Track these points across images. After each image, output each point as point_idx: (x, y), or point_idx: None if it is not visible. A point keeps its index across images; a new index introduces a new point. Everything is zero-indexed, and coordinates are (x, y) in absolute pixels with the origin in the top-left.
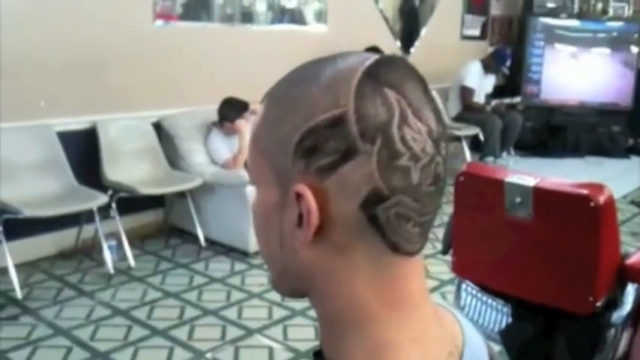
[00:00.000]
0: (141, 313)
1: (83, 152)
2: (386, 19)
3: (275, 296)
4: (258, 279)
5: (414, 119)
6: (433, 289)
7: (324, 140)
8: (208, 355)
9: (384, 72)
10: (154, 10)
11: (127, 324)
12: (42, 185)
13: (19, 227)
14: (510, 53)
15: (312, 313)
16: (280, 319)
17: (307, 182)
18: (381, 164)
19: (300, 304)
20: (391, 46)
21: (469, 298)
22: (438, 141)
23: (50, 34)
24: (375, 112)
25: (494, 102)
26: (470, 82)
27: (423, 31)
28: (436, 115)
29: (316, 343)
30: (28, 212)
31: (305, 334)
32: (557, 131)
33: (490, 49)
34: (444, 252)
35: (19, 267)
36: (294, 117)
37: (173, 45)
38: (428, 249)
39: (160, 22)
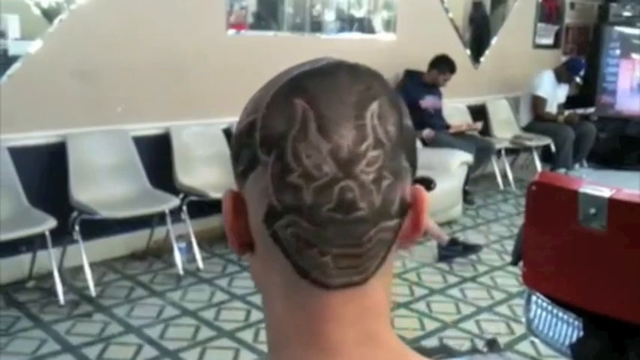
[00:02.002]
0: (209, 314)
1: (157, 157)
2: (456, 28)
3: None
4: None
5: (316, 135)
6: (501, 302)
7: (239, 146)
8: None
9: (309, 82)
10: (227, 20)
11: (195, 324)
12: (117, 188)
13: (94, 228)
14: (584, 63)
15: None
16: None
17: (236, 188)
18: (274, 178)
19: None
20: (461, 54)
21: (539, 310)
22: (349, 163)
23: (128, 42)
24: (276, 121)
25: (567, 112)
26: (542, 92)
27: (494, 40)
28: (360, 136)
29: None
30: (104, 213)
31: None
32: (632, 143)
33: (563, 59)
34: (514, 263)
35: (93, 266)
36: (239, 122)
37: (244, 53)
38: (495, 261)
39: (232, 32)
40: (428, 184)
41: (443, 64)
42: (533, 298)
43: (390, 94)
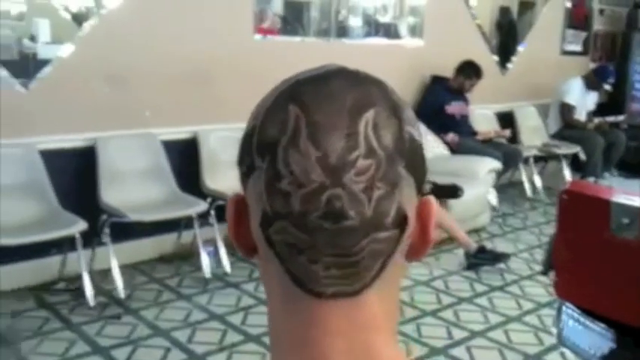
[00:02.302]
0: (235, 319)
1: (185, 161)
2: (483, 34)
3: None
4: None
5: (306, 142)
6: (529, 312)
7: (242, 150)
8: None
9: (306, 88)
10: (254, 25)
11: (222, 328)
12: (146, 191)
13: (123, 230)
14: (613, 70)
15: (404, 328)
16: None
17: (241, 191)
18: (267, 184)
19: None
20: (488, 60)
21: (570, 321)
22: (338, 171)
23: (157, 47)
24: (271, 127)
25: (596, 120)
26: (571, 99)
27: (522, 46)
28: (350, 144)
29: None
30: (133, 216)
31: None
32: None
33: (592, 65)
34: (544, 273)
35: (122, 268)
36: (245, 127)
37: (271, 58)
38: (524, 270)
39: (258, 37)
40: (455, 191)
41: (469, 70)
42: (564, 308)
43: (391, 102)
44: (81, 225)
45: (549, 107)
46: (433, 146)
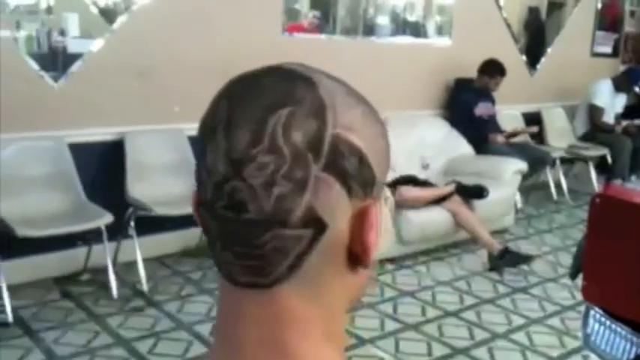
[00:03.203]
0: None
1: None
2: (512, 34)
3: (387, 308)
4: (370, 290)
5: (221, 134)
6: (553, 315)
7: None
8: None
9: (240, 84)
10: (282, 22)
11: None
12: (172, 186)
13: (149, 224)
14: None
15: (425, 328)
16: (392, 332)
17: None
18: (196, 173)
19: (412, 318)
20: (517, 61)
21: (597, 325)
22: (239, 164)
23: (186, 43)
24: (204, 121)
25: (624, 122)
26: (599, 101)
27: (551, 47)
28: (254, 139)
29: (428, 359)
30: (159, 210)
31: (417, 348)
32: None
33: (622, 68)
34: (572, 276)
35: (146, 261)
36: None
37: (297, 56)
38: (548, 272)
39: (286, 34)
40: (481, 191)
41: (492, 69)
42: (592, 312)
43: (316, 103)
44: (107, 218)
45: (577, 109)
46: (459, 147)
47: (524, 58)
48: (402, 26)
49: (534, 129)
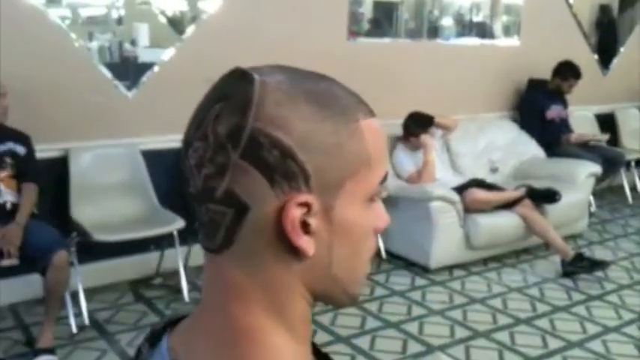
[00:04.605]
0: (325, 319)
1: None
2: (583, 33)
3: (457, 315)
4: (439, 296)
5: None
6: (629, 323)
7: None
8: None
9: (214, 83)
10: (347, 27)
11: (313, 328)
12: None
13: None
14: None
15: (497, 336)
16: (463, 339)
17: None
18: None
19: (483, 325)
20: (589, 60)
21: None
22: (185, 146)
23: (254, 50)
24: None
25: None
26: None
27: (625, 45)
28: (196, 126)
29: None
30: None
31: (488, 357)
32: None
33: None
34: None
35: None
36: None
37: (362, 61)
38: (624, 279)
39: (351, 40)
40: (553, 195)
41: (566, 71)
42: None
43: (244, 99)
44: (179, 223)
45: None
46: (529, 149)
47: (596, 57)
48: (468, 27)
49: (605, 137)
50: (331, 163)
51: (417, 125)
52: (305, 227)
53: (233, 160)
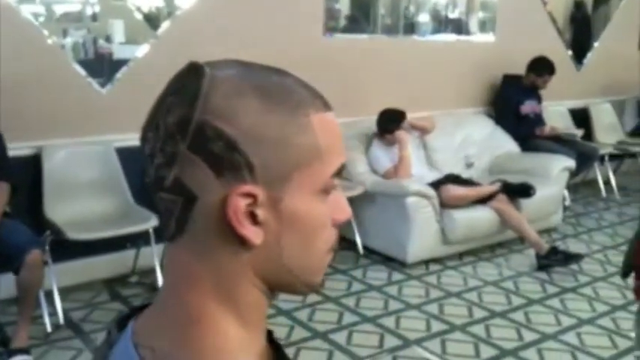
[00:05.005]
0: (302, 315)
1: None
2: (557, 29)
3: (433, 309)
4: (416, 290)
5: None
6: (603, 315)
7: None
8: None
9: None
10: (323, 24)
11: (290, 324)
12: None
13: None
14: None
15: (472, 329)
16: (439, 333)
17: None
18: None
19: (459, 319)
20: (563, 56)
21: None
22: (142, 137)
23: (230, 47)
24: None
25: None
26: None
27: (598, 41)
28: (152, 116)
29: None
30: None
31: (464, 350)
32: None
33: None
34: (624, 275)
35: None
36: None
37: (338, 57)
38: (597, 271)
39: (327, 36)
40: (527, 190)
41: (541, 67)
42: None
43: (193, 93)
44: (154, 220)
45: (626, 104)
46: (504, 144)
47: (570, 52)
48: (444, 23)
49: (579, 132)
50: (277, 156)
51: (390, 121)
52: (253, 218)
53: (181, 151)
